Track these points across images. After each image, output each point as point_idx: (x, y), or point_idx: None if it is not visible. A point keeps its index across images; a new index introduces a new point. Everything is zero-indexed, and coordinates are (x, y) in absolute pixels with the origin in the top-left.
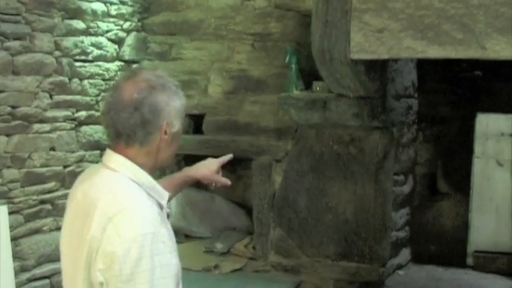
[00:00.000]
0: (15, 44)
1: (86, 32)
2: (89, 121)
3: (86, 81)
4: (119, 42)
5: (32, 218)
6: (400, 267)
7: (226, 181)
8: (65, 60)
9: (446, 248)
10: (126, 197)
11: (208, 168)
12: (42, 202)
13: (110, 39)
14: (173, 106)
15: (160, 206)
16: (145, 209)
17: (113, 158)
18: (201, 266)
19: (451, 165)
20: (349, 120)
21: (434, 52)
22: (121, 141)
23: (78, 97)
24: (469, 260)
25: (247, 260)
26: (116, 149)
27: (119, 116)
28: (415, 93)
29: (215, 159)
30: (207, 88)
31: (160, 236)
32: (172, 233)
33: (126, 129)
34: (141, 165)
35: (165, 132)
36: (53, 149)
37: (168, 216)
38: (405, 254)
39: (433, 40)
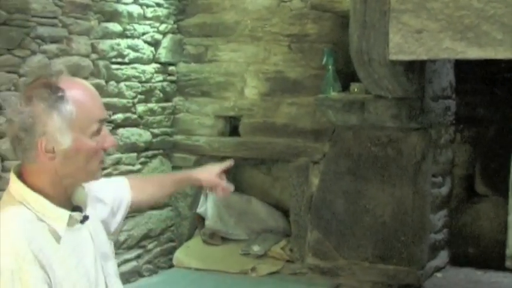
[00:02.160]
0: (52, 47)
1: (123, 35)
2: (125, 123)
3: (122, 84)
4: (155, 44)
5: None
6: (438, 269)
7: (229, 186)
8: (101, 63)
9: (485, 250)
10: None
11: (210, 172)
12: None
13: (146, 42)
14: (53, 120)
15: (57, 231)
16: (11, 241)
17: (11, 178)
18: (238, 269)
19: (490, 166)
20: (387, 122)
21: (474, 53)
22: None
23: (115, 99)
24: (508, 263)
25: (284, 262)
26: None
27: None
28: (453, 94)
29: (214, 165)
30: (243, 90)
31: (24, 273)
32: (75, 259)
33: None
34: (42, 187)
35: (52, 151)
36: None
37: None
38: (443, 256)
39: (472, 41)
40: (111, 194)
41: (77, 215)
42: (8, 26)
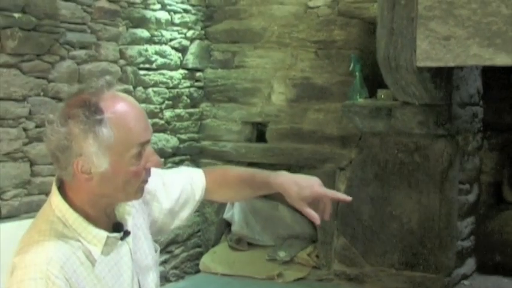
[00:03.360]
0: (81, 53)
1: (150, 41)
2: (153, 129)
3: (150, 90)
4: (182, 50)
5: None
6: (465, 277)
7: (313, 216)
8: (129, 69)
9: None
10: (30, 245)
11: (299, 189)
12: None
13: (173, 48)
14: (89, 144)
15: (92, 254)
16: (44, 263)
17: (52, 190)
18: (264, 274)
19: None
20: (414, 128)
21: (502, 60)
22: None
23: (142, 105)
24: None
25: (311, 268)
26: None
27: None
28: (480, 101)
29: (320, 185)
30: (270, 96)
31: None
32: (111, 280)
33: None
34: (81, 204)
35: (89, 172)
36: None
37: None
38: (470, 263)
39: (500, 47)
40: (175, 194)
41: (116, 235)
42: (37, 31)
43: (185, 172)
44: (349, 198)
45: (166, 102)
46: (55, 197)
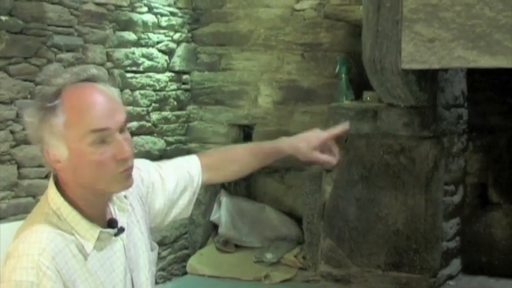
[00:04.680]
0: (68, 56)
1: (137, 44)
2: (140, 131)
3: (137, 92)
4: (169, 53)
5: None
6: (450, 277)
7: (329, 159)
8: (116, 72)
9: (498, 258)
10: (24, 236)
11: (307, 142)
12: None
13: (160, 50)
14: (44, 132)
15: (85, 248)
16: (36, 254)
17: (49, 183)
18: (251, 276)
19: (502, 175)
20: (400, 130)
21: (486, 62)
22: None
23: (129, 108)
24: None
25: (297, 270)
26: None
27: None
28: (465, 103)
29: (320, 131)
30: (257, 99)
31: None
32: (103, 274)
33: None
34: (73, 197)
35: (59, 161)
36: None
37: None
38: (456, 264)
39: (484, 50)
40: (171, 184)
41: (110, 231)
42: (24, 35)
43: (181, 160)
44: (346, 126)
45: (153, 104)
46: (51, 191)
